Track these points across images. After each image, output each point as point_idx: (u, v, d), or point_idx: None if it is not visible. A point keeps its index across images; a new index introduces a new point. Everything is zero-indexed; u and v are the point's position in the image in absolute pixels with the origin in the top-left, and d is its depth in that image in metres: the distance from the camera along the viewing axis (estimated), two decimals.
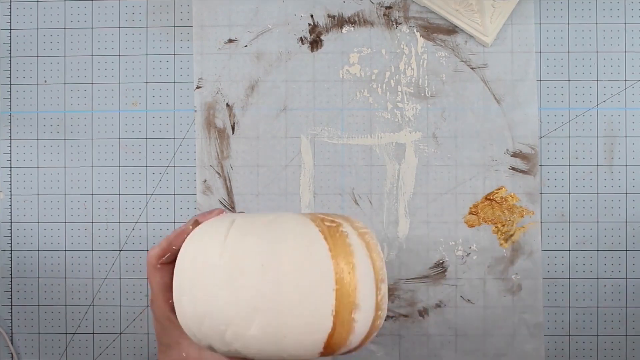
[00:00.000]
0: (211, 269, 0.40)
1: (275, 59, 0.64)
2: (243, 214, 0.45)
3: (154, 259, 0.49)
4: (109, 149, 0.64)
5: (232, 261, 0.40)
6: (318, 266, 0.39)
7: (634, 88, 0.63)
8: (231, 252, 0.40)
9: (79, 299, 0.64)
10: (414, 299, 0.63)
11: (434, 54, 0.63)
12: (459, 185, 0.63)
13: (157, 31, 0.64)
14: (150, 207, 0.64)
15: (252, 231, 0.41)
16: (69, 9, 0.65)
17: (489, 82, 0.63)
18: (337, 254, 0.39)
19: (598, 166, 0.63)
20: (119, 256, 0.64)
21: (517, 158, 0.63)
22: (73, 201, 0.64)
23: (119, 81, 0.64)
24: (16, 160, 0.65)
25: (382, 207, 0.63)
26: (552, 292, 0.63)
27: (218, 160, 0.64)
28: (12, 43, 0.65)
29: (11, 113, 0.65)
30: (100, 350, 0.64)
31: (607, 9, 0.63)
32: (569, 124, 0.63)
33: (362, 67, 0.63)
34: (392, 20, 0.63)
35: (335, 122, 0.63)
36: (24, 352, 0.64)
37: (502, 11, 0.61)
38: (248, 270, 0.39)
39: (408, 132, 0.63)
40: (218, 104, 0.64)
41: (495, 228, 0.63)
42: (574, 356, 0.62)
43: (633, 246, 0.63)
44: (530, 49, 0.63)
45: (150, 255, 0.50)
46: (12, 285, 0.65)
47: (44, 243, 0.64)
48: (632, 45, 0.63)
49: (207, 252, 0.41)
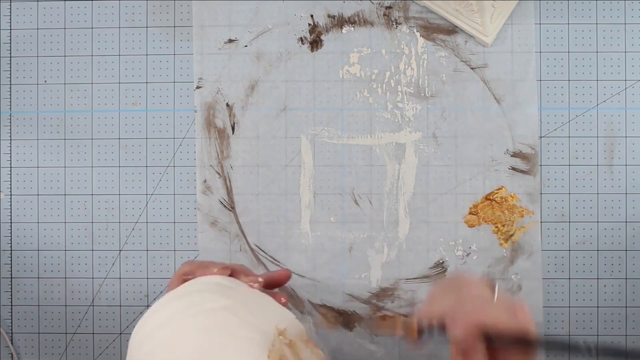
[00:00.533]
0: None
1: (275, 59, 0.64)
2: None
3: (171, 282, 0.47)
4: (109, 149, 0.64)
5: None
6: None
7: (634, 88, 0.63)
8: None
9: (79, 299, 0.64)
10: (414, 299, 0.63)
11: (434, 54, 0.63)
12: (459, 185, 0.63)
13: (157, 31, 0.64)
14: (150, 207, 0.64)
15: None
16: (69, 9, 0.65)
17: (489, 82, 0.63)
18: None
19: (598, 166, 0.63)
20: (119, 256, 0.64)
21: (517, 158, 0.63)
22: (73, 201, 0.64)
23: (119, 81, 0.64)
24: (16, 160, 0.65)
25: (382, 207, 0.63)
26: (552, 292, 0.62)
27: (218, 160, 0.64)
28: (12, 43, 0.65)
29: (11, 113, 0.65)
30: (100, 350, 0.64)
31: (607, 9, 0.63)
32: (569, 124, 0.63)
33: (362, 67, 0.63)
34: (392, 20, 0.63)
35: (335, 122, 0.63)
36: (24, 352, 0.64)
37: (502, 11, 0.61)
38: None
39: (408, 132, 0.63)
40: (218, 104, 0.64)
41: (495, 228, 0.63)
42: (573, 356, 0.62)
43: (633, 246, 0.62)
44: (530, 49, 0.63)
45: (180, 271, 0.47)
46: (12, 285, 0.65)
47: (44, 243, 0.64)
48: (632, 45, 0.63)
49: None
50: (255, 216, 0.64)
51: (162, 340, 0.39)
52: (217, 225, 0.64)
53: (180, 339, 0.38)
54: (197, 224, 0.64)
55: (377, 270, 0.63)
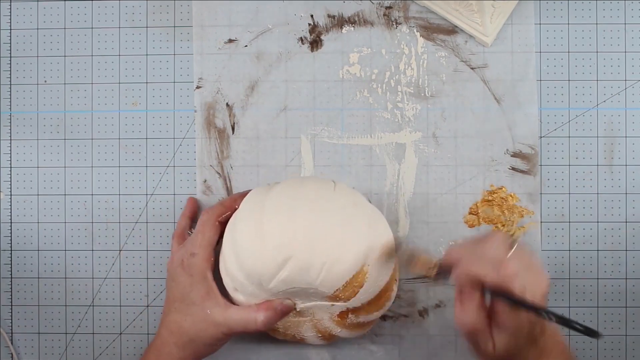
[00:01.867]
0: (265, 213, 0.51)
1: (275, 59, 0.64)
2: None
3: (214, 216, 0.55)
4: (109, 149, 0.64)
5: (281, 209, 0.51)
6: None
7: (634, 88, 0.63)
8: (278, 202, 0.52)
9: (79, 299, 0.64)
10: (414, 299, 0.63)
11: (434, 54, 0.63)
12: (459, 185, 0.63)
13: (157, 31, 0.64)
14: (150, 207, 0.64)
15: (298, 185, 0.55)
16: (69, 9, 0.65)
17: (489, 82, 0.63)
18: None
19: (598, 166, 0.63)
20: (119, 256, 0.64)
21: (517, 158, 0.63)
22: (73, 201, 0.64)
23: (119, 81, 0.64)
24: (16, 160, 0.65)
25: (382, 207, 0.63)
26: (552, 292, 0.62)
27: (218, 160, 0.64)
28: (12, 43, 0.65)
29: (11, 113, 0.65)
30: (100, 350, 0.64)
31: (607, 9, 0.63)
32: (569, 124, 0.63)
33: (362, 67, 0.63)
34: (392, 20, 0.63)
35: (335, 122, 0.63)
36: (24, 352, 0.64)
37: (502, 11, 0.61)
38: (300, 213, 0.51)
39: (408, 132, 0.63)
40: (218, 104, 0.64)
41: (495, 228, 0.63)
42: (573, 356, 0.62)
43: (633, 246, 0.62)
44: (530, 49, 0.63)
45: (211, 212, 0.55)
46: (12, 285, 0.65)
47: (44, 243, 0.64)
48: (632, 45, 0.63)
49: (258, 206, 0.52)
50: None
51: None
52: None
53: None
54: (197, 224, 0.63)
55: None
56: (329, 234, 0.50)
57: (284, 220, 0.50)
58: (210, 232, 0.55)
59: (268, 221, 0.51)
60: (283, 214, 0.51)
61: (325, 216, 0.51)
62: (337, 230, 0.50)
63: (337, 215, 0.51)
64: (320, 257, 0.49)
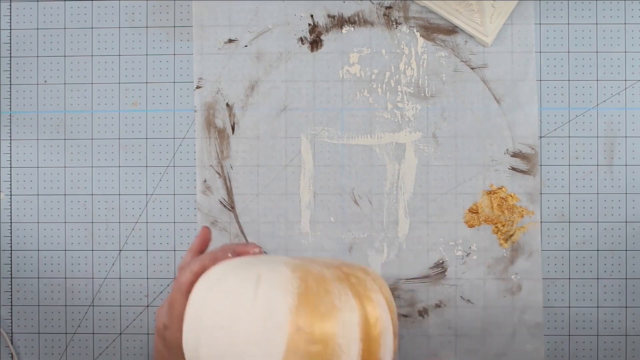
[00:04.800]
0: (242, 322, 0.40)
1: (275, 59, 0.64)
2: (268, 258, 0.44)
3: (185, 286, 0.47)
4: (109, 149, 0.64)
5: (265, 316, 0.39)
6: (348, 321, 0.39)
7: (634, 88, 0.63)
8: (263, 307, 0.40)
9: (79, 299, 0.64)
10: (414, 299, 0.63)
11: (434, 54, 0.63)
12: (459, 185, 0.63)
13: (157, 31, 0.64)
14: (150, 207, 0.64)
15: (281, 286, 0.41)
16: (69, 9, 0.65)
17: (489, 82, 0.63)
18: (364, 309, 0.40)
19: (598, 166, 0.63)
20: (119, 256, 0.64)
21: (517, 158, 0.63)
22: (73, 201, 0.64)
23: (119, 81, 0.64)
24: (16, 160, 0.65)
25: (382, 207, 0.63)
26: (552, 292, 0.62)
27: (218, 160, 0.64)
28: (12, 43, 0.65)
29: (11, 113, 0.65)
30: (100, 350, 0.64)
31: (607, 9, 0.63)
32: (569, 124, 0.63)
33: (362, 67, 0.63)
34: (392, 20, 0.63)
35: (335, 122, 0.63)
36: (24, 352, 0.64)
37: (502, 11, 0.61)
38: (280, 324, 0.39)
39: (408, 132, 0.63)
40: (218, 104, 0.64)
41: (495, 228, 0.63)
42: (574, 356, 0.62)
43: (633, 246, 0.62)
44: (530, 49, 0.63)
45: (182, 281, 0.47)
46: (12, 285, 0.65)
47: (44, 243, 0.64)
48: (632, 45, 0.63)
49: (237, 305, 0.40)
50: (255, 216, 0.64)
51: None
52: (217, 225, 0.64)
53: None
54: (197, 224, 0.64)
55: (377, 270, 0.63)
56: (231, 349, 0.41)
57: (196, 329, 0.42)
58: (181, 305, 0.47)
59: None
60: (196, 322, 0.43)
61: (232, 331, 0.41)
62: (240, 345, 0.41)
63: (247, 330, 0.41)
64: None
